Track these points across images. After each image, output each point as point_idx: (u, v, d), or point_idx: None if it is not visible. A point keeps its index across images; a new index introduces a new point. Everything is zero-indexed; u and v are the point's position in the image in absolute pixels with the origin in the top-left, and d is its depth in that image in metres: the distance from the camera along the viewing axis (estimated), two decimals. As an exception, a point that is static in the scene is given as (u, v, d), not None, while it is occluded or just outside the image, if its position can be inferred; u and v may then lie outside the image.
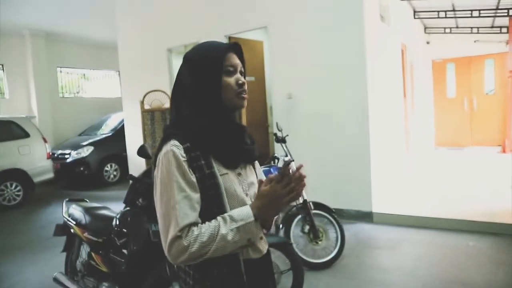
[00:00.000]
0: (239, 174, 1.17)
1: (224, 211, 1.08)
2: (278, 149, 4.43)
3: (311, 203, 3.35)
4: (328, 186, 4.70)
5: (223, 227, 1.02)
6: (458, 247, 3.66)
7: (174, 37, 6.26)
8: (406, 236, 4.07)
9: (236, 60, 1.16)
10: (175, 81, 1.19)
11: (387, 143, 5.35)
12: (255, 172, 1.28)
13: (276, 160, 3.59)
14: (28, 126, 7.12)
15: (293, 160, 3.46)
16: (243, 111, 4.31)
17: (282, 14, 5.05)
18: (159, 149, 1.11)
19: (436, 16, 7.65)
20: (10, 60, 9.51)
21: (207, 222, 1.04)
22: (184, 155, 1.06)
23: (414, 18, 7.82)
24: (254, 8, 5.30)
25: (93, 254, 2.64)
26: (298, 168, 1.06)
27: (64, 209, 3.03)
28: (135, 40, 7.07)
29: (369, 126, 4.53)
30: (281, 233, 3.39)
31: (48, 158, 7.27)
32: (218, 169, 1.10)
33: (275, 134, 3.64)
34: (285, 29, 5.05)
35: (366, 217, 4.59)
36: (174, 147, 1.06)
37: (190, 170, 1.06)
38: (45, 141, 7.27)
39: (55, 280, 2.84)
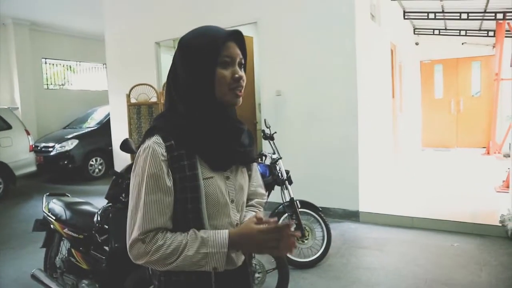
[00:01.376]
0: (227, 178, 1.07)
1: (200, 218, 1.00)
2: (266, 147, 4.39)
3: (297, 202, 3.32)
4: (315, 184, 4.68)
5: (191, 246, 0.94)
6: (443, 248, 3.68)
7: (162, 30, 6.16)
8: (391, 236, 4.08)
9: (235, 50, 1.03)
10: (170, 67, 1.09)
11: (375, 143, 5.36)
12: (250, 174, 1.19)
13: (264, 157, 3.54)
14: (10, 118, 6.94)
15: (281, 158, 3.43)
16: (231, 107, 4.26)
17: (272, 9, 5.00)
18: (143, 141, 1.03)
19: (426, 17, 7.70)
20: (-7, 50, 9.25)
21: (177, 234, 0.97)
22: (165, 154, 0.97)
23: (404, 18, 7.85)
24: (244, 3, 5.23)
25: (73, 250, 2.56)
26: (290, 231, 0.98)
27: (44, 203, 2.94)
28: (122, 33, 6.94)
29: (358, 125, 4.52)
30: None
31: (30, 151, 7.11)
32: (202, 171, 1.01)
33: (263, 131, 3.60)
34: (275, 25, 5.00)
35: (353, 216, 4.59)
36: (156, 145, 0.98)
37: (169, 171, 0.98)
38: (28, 133, 7.10)
39: (33, 277, 2.74)
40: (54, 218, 2.69)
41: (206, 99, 1.01)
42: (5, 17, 8.88)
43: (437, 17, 7.59)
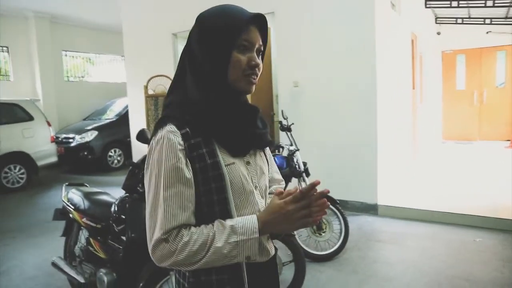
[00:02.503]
0: (248, 163, 1.01)
1: (228, 209, 0.93)
2: (283, 138, 4.35)
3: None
4: (332, 176, 4.62)
5: (219, 238, 0.87)
6: (464, 243, 3.59)
7: (179, 21, 6.14)
8: (411, 230, 4.00)
9: (255, 35, 0.96)
10: (185, 46, 1.00)
11: (394, 135, 5.25)
12: (266, 159, 1.12)
13: (281, 149, 3.51)
14: (32, 109, 7.08)
15: (298, 149, 3.39)
16: (248, 98, 4.22)
17: (290, 0, 4.91)
18: (154, 133, 0.95)
19: (448, 6, 7.45)
20: (15, 43, 9.43)
21: (201, 227, 0.89)
22: (182, 142, 0.90)
23: (426, 7, 7.62)
24: (262, -7, 5.16)
25: (91, 240, 2.60)
26: (321, 192, 0.89)
27: (64, 193, 2.98)
28: (139, 25, 6.96)
29: (376, 117, 4.43)
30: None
31: (52, 142, 7.25)
32: (223, 158, 0.94)
33: (280, 123, 3.56)
34: (292, 15, 4.92)
35: (371, 209, 4.52)
36: (170, 134, 0.90)
37: (188, 161, 0.90)
38: (49, 124, 7.24)
39: (53, 264, 2.80)
40: (73, 207, 2.73)
41: (218, 82, 0.95)
42: (27, 11, 9.03)
43: (460, 5, 7.34)
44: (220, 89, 0.95)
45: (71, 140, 8.00)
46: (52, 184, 7.08)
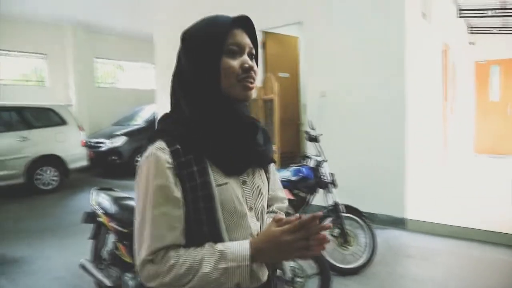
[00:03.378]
0: (244, 183, 0.95)
1: (218, 231, 0.88)
2: (310, 148, 4.31)
3: (341, 206, 3.23)
4: (359, 188, 4.53)
5: (208, 263, 0.82)
6: (495, 262, 3.43)
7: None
8: (440, 246, 3.86)
9: (243, 38, 0.91)
10: (174, 66, 0.98)
11: (423, 147, 5.11)
12: (268, 177, 1.05)
13: (308, 159, 3.48)
14: (65, 114, 7.33)
15: (326, 160, 3.35)
16: (275, 107, 4.21)
17: (318, 9, 4.90)
18: (145, 148, 0.91)
19: (483, 15, 7.24)
20: (52, 51, 9.83)
21: (190, 249, 0.84)
22: (171, 160, 0.85)
23: (459, 16, 7.44)
24: (290, 3, 5.17)
25: (118, 244, 2.64)
26: (321, 225, 0.83)
27: (93, 197, 3.05)
28: (170, 34, 7.09)
29: (405, 128, 4.33)
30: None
31: (82, 146, 7.47)
32: (215, 177, 0.89)
33: (307, 133, 3.53)
34: (320, 24, 4.90)
35: (399, 223, 4.40)
36: (159, 151, 0.86)
37: (177, 180, 0.86)
38: (80, 129, 7.47)
39: (81, 266, 2.86)
40: (101, 211, 2.79)
41: (211, 93, 0.90)
42: (64, 20, 9.42)
43: (496, 14, 7.12)
44: (213, 101, 0.90)
45: (101, 145, 8.23)
46: (82, 187, 7.28)
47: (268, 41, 5.63)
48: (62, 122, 7.20)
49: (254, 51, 0.94)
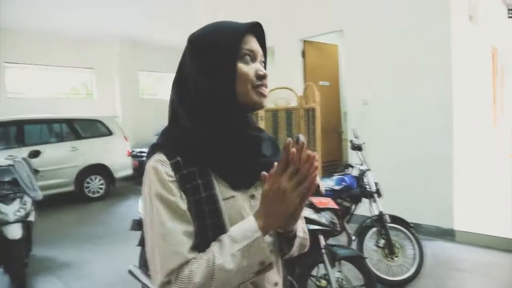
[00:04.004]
0: (253, 197, 0.88)
1: None
2: (353, 157, 4.25)
3: (387, 216, 3.15)
4: (404, 198, 4.40)
5: (220, 254, 0.75)
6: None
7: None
8: (494, 260, 3.66)
9: (256, 45, 0.88)
10: (175, 75, 0.92)
11: (473, 153, 4.89)
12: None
13: (351, 168, 3.43)
14: (112, 125, 7.66)
15: (369, 169, 3.29)
16: (317, 116, 4.19)
17: (358, 16, 4.85)
18: (145, 162, 0.86)
19: (535, 15, 6.88)
20: (99, 65, 10.35)
21: (200, 255, 0.78)
22: (172, 173, 0.80)
23: (508, 17, 7.10)
24: (330, 12, 5.15)
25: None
26: (298, 147, 0.74)
27: (140, 205, 3.15)
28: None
29: (452, 135, 4.17)
30: (354, 245, 3.22)
31: (128, 156, 7.77)
32: (221, 190, 0.83)
33: (351, 141, 3.49)
34: (361, 32, 4.84)
35: (447, 234, 4.22)
36: (158, 164, 0.81)
37: (182, 194, 0.80)
38: (126, 139, 7.77)
39: (130, 272, 2.95)
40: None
41: (227, 99, 0.84)
42: (111, 36, 9.89)
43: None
44: (228, 108, 0.86)
45: (145, 154, 8.49)
46: (127, 195, 7.56)
47: (308, 50, 5.63)
48: (109, 132, 7.53)
49: (263, 59, 0.91)
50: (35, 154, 4.10)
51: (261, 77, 0.86)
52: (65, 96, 10.06)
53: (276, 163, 0.78)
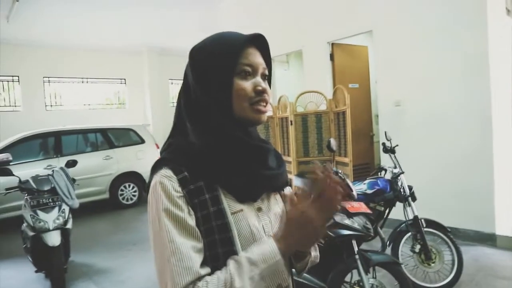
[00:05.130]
0: (259, 209, 0.88)
1: None
2: (385, 160, 4.16)
3: (422, 220, 3.05)
4: (441, 201, 4.25)
5: (239, 277, 0.73)
6: None
7: (275, 46, 6.28)
8: (541, 266, 3.46)
9: (257, 59, 0.86)
10: (181, 87, 0.92)
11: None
12: (285, 201, 0.96)
13: (383, 172, 3.35)
14: (144, 133, 7.85)
15: (403, 172, 3.20)
16: (347, 119, 4.12)
17: (388, 16, 4.75)
18: (150, 178, 0.85)
19: None
20: (130, 75, 10.68)
21: (217, 274, 0.76)
22: (179, 189, 0.79)
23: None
24: (358, 12, 5.08)
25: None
26: (326, 172, 0.74)
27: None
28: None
29: (492, 135, 3.98)
30: (388, 250, 3.13)
31: (159, 163, 7.90)
32: (229, 204, 0.82)
33: (384, 144, 3.41)
34: (391, 32, 4.74)
35: (488, 239, 4.03)
36: (165, 179, 0.79)
37: (190, 210, 0.79)
38: (157, 146, 7.93)
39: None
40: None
41: (223, 117, 0.83)
42: (141, 46, 10.20)
43: None
44: (224, 125, 0.84)
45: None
46: (160, 202, 7.68)
47: (336, 53, 5.57)
48: (141, 141, 7.71)
49: (267, 72, 0.89)
50: (72, 163, 4.24)
51: (260, 93, 0.84)
52: (100, 106, 10.42)
53: (297, 184, 0.79)
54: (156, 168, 0.83)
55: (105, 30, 8.44)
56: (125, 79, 10.67)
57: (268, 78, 0.90)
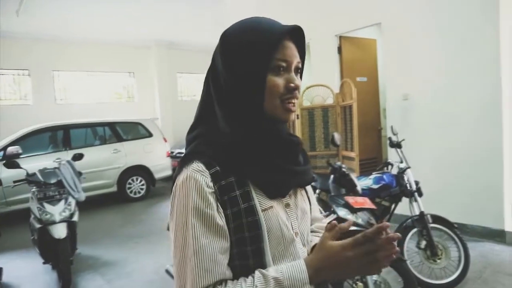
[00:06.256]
0: (287, 205, 0.85)
1: (264, 262, 0.78)
2: (392, 155, 4.11)
3: (429, 216, 3.00)
4: (448, 197, 4.19)
5: None
6: None
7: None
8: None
9: (292, 52, 0.81)
10: (209, 69, 0.87)
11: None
12: (307, 196, 0.96)
13: (390, 166, 3.31)
14: (152, 127, 7.88)
15: (409, 167, 3.16)
16: (354, 113, 4.07)
17: (397, 8, 4.66)
18: (178, 172, 0.81)
19: None
20: (139, 68, 10.69)
21: (240, 281, 0.74)
22: (212, 184, 0.76)
23: None
24: (366, 4, 5.00)
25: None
26: (391, 237, 0.72)
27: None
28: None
29: (502, 130, 3.90)
30: (393, 246, 3.09)
31: (167, 157, 7.95)
32: (259, 201, 0.79)
33: (390, 139, 3.36)
34: (401, 25, 4.65)
35: (497, 236, 3.96)
36: (197, 173, 0.76)
37: (219, 207, 0.76)
38: (165, 140, 7.96)
39: (167, 271, 3.02)
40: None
41: (253, 113, 0.80)
42: (149, 40, 10.20)
43: None
44: (255, 120, 0.81)
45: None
46: (167, 195, 7.73)
47: (344, 46, 5.50)
48: (149, 134, 7.74)
49: (300, 65, 0.85)
50: (78, 157, 4.27)
51: (292, 89, 0.80)
52: (109, 100, 10.47)
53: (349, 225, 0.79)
54: (186, 161, 0.80)
55: (114, 23, 8.45)
56: (133, 73, 10.70)
57: (301, 70, 0.86)
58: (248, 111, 0.80)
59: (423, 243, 3.02)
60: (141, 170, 7.54)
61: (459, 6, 4.12)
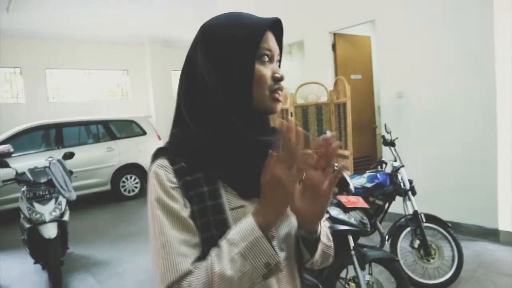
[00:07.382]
0: None
1: None
2: (386, 153, 4.08)
3: (422, 215, 2.98)
4: (442, 195, 4.17)
5: (218, 260, 0.68)
6: None
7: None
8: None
9: (274, 44, 0.81)
10: (182, 69, 0.85)
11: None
12: None
13: (384, 165, 3.29)
14: (146, 125, 7.81)
15: (403, 166, 3.13)
16: (348, 110, 4.04)
17: (391, 5, 4.63)
18: (149, 168, 0.82)
19: None
20: (133, 66, 10.62)
21: (198, 264, 0.71)
22: (174, 179, 0.75)
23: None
24: (360, 1, 4.96)
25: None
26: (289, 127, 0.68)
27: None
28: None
29: (496, 128, 3.89)
30: (387, 246, 3.07)
31: (161, 155, 7.88)
32: (229, 200, 0.77)
33: (383, 137, 3.34)
34: (395, 22, 4.63)
35: (490, 235, 3.95)
36: (160, 169, 0.76)
37: (186, 201, 0.75)
38: (159, 138, 7.90)
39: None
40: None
41: (242, 105, 0.78)
42: (143, 37, 10.12)
43: None
44: (243, 114, 0.78)
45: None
46: (161, 194, 7.68)
47: (338, 43, 5.47)
48: (143, 132, 7.68)
49: (279, 58, 0.84)
50: (69, 155, 4.22)
51: (278, 80, 0.80)
52: (102, 98, 10.40)
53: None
54: (154, 157, 0.81)
55: (108, 20, 8.37)
56: (127, 70, 10.63)
57: (279, 64, 0.85)
58: (233, 105, 0.78)
59: (417, 243, 3.00)
60: (135, 168, 7.47)
61: (453, 3, 4.09)
